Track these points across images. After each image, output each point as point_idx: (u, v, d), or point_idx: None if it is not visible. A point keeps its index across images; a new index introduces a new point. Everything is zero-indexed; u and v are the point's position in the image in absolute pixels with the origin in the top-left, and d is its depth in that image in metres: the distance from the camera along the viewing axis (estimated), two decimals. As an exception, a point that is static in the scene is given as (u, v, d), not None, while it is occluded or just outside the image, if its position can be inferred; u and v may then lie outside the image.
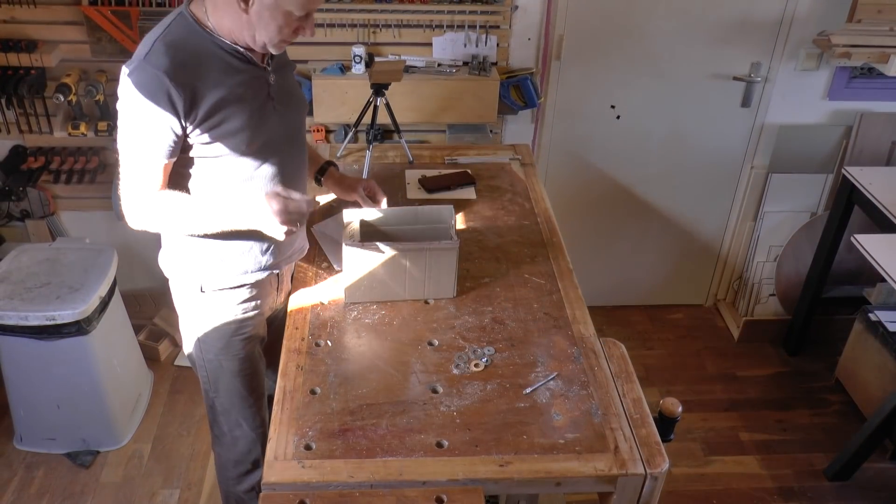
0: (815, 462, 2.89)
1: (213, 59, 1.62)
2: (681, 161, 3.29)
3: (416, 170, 2.54)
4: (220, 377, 1.98)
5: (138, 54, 1.58)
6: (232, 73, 1.64)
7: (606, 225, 3.43)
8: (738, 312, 3.58)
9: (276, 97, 1.75)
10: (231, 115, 1.64)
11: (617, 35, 2.98)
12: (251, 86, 1.69)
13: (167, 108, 1.55)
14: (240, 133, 1.67)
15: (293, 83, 1.89)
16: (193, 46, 1.60)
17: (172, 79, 1.54)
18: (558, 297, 1.95)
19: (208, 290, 1.86)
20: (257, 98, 1.70)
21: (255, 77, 1.70)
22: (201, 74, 1.59)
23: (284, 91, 1.79)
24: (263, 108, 1.71)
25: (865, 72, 3.07)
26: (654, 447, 1.54)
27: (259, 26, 1.57)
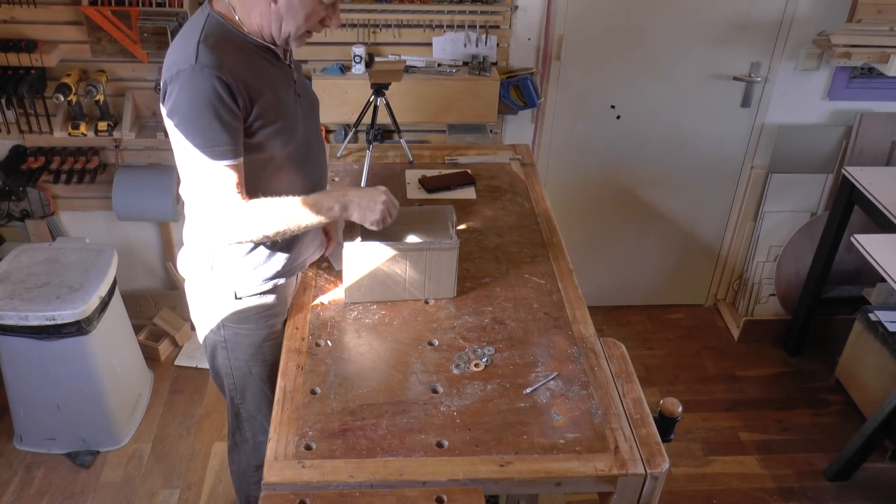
0: (815, 462, 2.89)
1: (253, 56, 1.62)
2: (681, 161, 3.29)
3: (416, 170, 2.54)
4: (249, 384, 1.97)
5: (185, 60, 1.53)
6: (270, 71, 1.66)
7: (606, 225, 3.43)
8: (738, 312, 3.58)
9: (301, 92, 1.78)
10: (275, 112, 1.64)
11: (617, 35, 2.98)
12: (284, 83, 1.70)
13: (233, 106, 1.54)
14: (281, 131, 1.67)
15: (306, 81, 1.90)
16: (233, 45, 1.59)
17: (230, 76, 1.53)
18: (558, 297, 1.95)
19: (243, 296, 1.84)
20: (289, 95, 1.72)
21: (285, 74, 1.72)
22: (249, 72, 1.59)
23: (304, 88, 1.82)
24: (294, 106, 1.73)
25: (865, 72, 3.07)
26: (654, 447, 1.54)
27: (287, 15, 1.57)
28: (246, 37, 1.62)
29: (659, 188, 3.35)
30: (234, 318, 1.87)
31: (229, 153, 1.57)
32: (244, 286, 1.83)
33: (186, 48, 1.55)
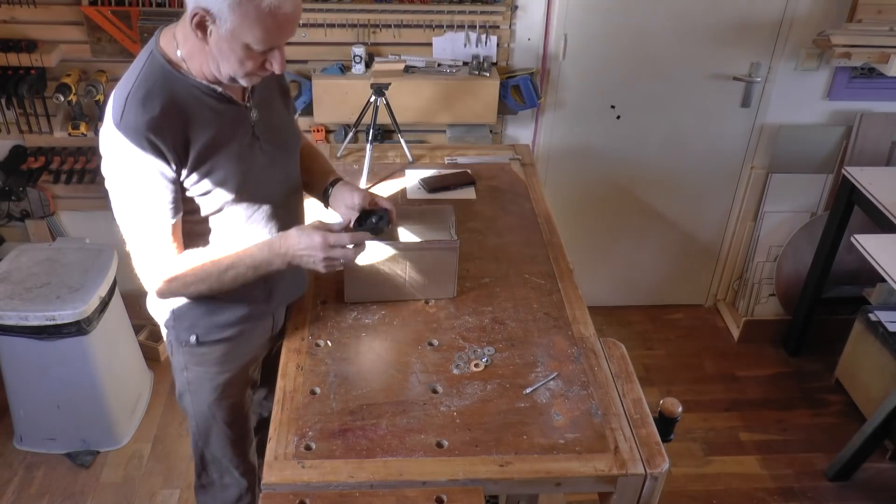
0: (815, 462, 2.89)
1: (192, 103, 1.52)
2: (681, 161, 3.29)
3: (416, 170, 2.54)
4: (212, 427, 1.92)
5: (113, 116, 1.47)
6: (213, 116, 1.54)
7: (606, 225, 3.43)
8: (738, 312, 3.58)
9: (262, 135, 1.64)
10: (219, 161, 1.54)
11: (617, 35, 2.98)
12: (234, 127, 1.58)
13: (160, 165, 1.47)
14: (230, 179, 1.57)
15: (281, 116, 1.75)
16: (169, 93, 1.49)
17: (156, 133, 1.44)
18: (558, 297, 1.95)
19: (204, 341, 1.78)
20: (242, 139, 1.60)
21: (237, 117, 1.59)
22: (183, 122, 1.49)
23: (270, 127, 1.68)
24: (250, 150, 1.61)
25: (865, 72, 3.07)
26: (654, 447, 1.54)
27: (220, 58, 1.46)
28: (188, 79, 1.52)
29: (659, 188, 3.35)
30: (195, 361, 1.82)
31: (160, 214, 1.51)
32: (204, 332, 1.77)
33: (118, 100, 1.48)
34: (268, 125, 1.67)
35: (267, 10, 1.38)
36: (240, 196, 1.60)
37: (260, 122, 1.64)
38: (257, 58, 1.47)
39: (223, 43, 1.43)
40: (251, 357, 1.88)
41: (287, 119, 1.78)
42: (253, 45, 1.43)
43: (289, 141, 1.76)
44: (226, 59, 1.45)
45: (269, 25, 1.40)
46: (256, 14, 1.38)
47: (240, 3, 1.37)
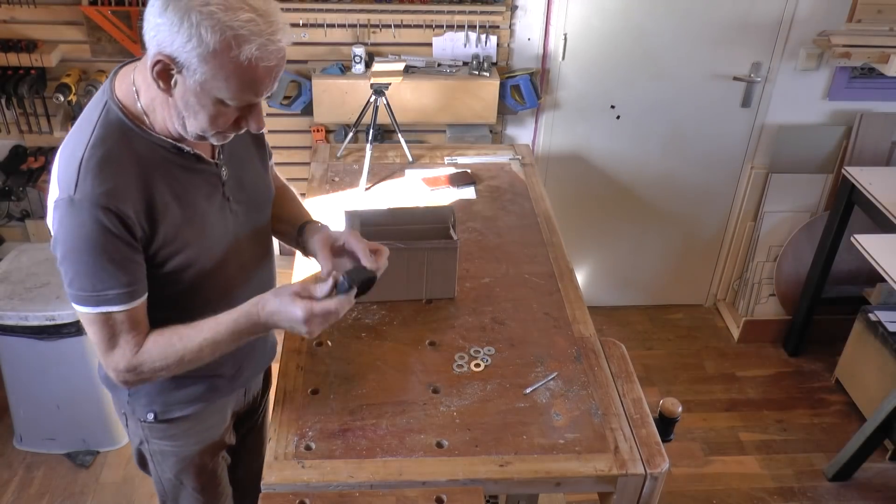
0: (815, 462, 2.89)
1: (156, 165, 1.31)
2: (681, 161, 3.28)
3: (416, 170, 2.54)
4: (181, 493, 1.74)
5: (63, 187, 1.25)
6: (180, 179, 1.35)
7: (606, 225, 3.43)
8: (738, 312, 3.58)
9: (233, 195, 1.46)
10: (188, 228, 1.35)
11: (617, 35, 2.98)
12: (204, 189, 1.39)
13: (123, 242, 1.26)
14: (200, 247, 1.39)
15: (254, 170, 1.55)
16: (129, 156, 1.28)
17: (116, 206, 1.23)
18: (558, 297, 1.95)
19: (164, 419, 1.58)
20: (213, 202, 1.41)
21: (206, 177, 1.40)
22: (146, 189, 1.29)
23: (242, 184, 1.49)
24: (221, 213, 1.43)
25: (865, 72, 3.07)
26: (654, 447, 1.54)
27: (188, 114, 1.25)
28: (150, 136, 1.31)
29: (659, 188, 3.35)
30: (156, 436, 1.62)
31: (123, 297, 1.29)
32: (163, 409, 1.57)
33: (68, 168, 1.26)
34: (239, 183, 1.48)
35: (247, 63, 1.18)
36: (211, 263, 1.42)
37: (231, 180, 1.45)
38: (231, 114, 1.27)
39: (191, 96, 1.22)
40: (222, 427, 1.70)
41: (260, 173, 1.56)
42: (227, 101, 1.23)
43: (261, 198, 1.57)
44: (194, 114, 1.25)
45: (247, 80, 1.20)
46: (234, 66, 1.18)
47: (214, 54, 1.16)
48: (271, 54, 1.19)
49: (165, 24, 1.16)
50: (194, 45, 1.16)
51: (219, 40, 1.16)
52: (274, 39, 1.19)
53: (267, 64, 1.19)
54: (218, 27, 1.15)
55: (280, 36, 1.20)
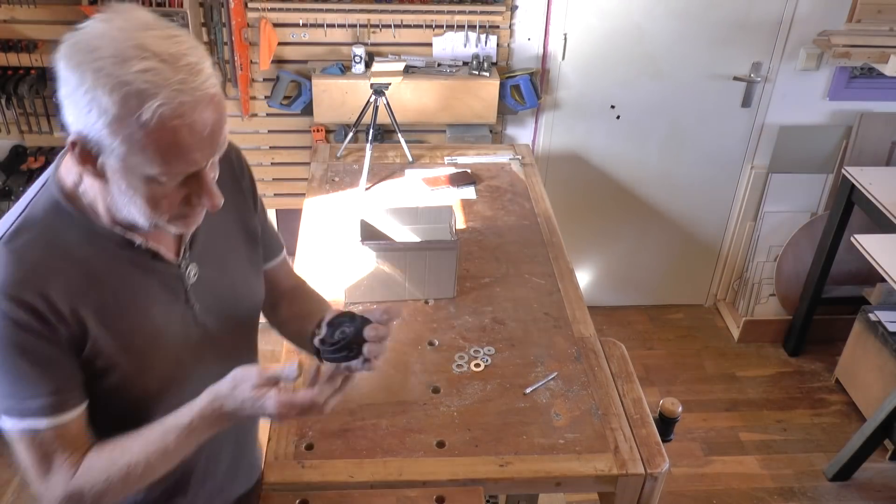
0: (815, 462, 2.89)
1: (95, 259, 1.06)
2: (681, 161, 3.28)
3: (416, 170, 2.54)
4: None
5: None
6: (125, 277, 1.09)
7: (606, 225, 3.43)
8: (738, 312, 3.58)
9: (200, 301, 1.17)
10: (129, 339, 1.09)
11: (617, 35, 2.98)
12: (157, 293, 1.12)
13: (48, 334, 1.02)
14: (148, 368, 1.11)
15: (237, 266, 1.25)
16: (58, 243, 1.05)
17: (42, 294, 1.01)
18: (558, 297, 1.95)
19: None
20: (169, 309, 1.13)
21: (163, 278, 1.13)
22: (77, 286, 1.04)
23: (216, 288, 1.20)
24: (181, 325, 1.15)
25: (865, 72, 3.07)
26: (654, 447, 1.54)
27: (125, 201, 1.01)
28: (91, 224, 1.06)
29: (659, 188, 3.35)
30: None
31: (48, 408, 1.03)
32: None
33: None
34: (212, 287, 1.19)
35: (157, 125, 0.92)
36: (160, 385, 1.14)
37: (200, 283, 1.17)
38: (173, 193, 1.01)
39: (119, 179, 0.99)
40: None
41: (244, 276, 1.27)
42: (158, 178, 0.98)
43: (242, 307, 1.27)
44: (129, 199, 1.00)
45: (166, 146, 0.94)
46: (144, 132, 0.92)
47: (117, 120, 0.92)
48: (186, 107, 0.92)
49: (68, 95, 0.94)
50: (96, 115, 0.93)
51: (116, 102, 0.91)
52: (186, 89, 0.92)
53: (184, 121, 0.93)
54: (110, 85, 0.91)
55: (197, 82, 0.93)
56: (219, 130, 0.98)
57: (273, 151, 3.06)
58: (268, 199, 3.16)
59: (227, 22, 2.76)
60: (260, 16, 2.72)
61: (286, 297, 1.39)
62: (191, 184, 1.01)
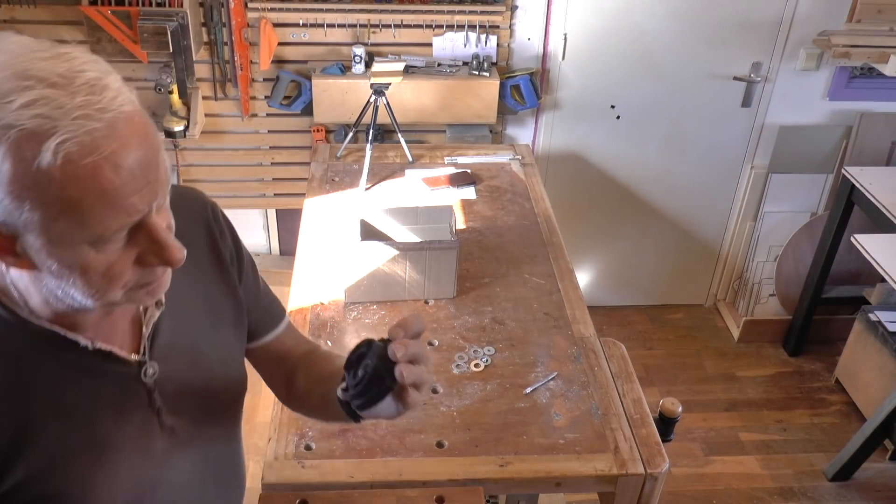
0: (815, 462, 2.89)
1: (23, 362, 0.84)
2: (681, 161, 3.28)
3: (416, 170, 2.54)
4: None
5: None
6: (65, 384, 0.86)
7: (606, 225, 3.43)
8: (738, 312, 3.58)
9: (167, 402, 0.95)
10: (70, 460, 0.86)
11: (617, 35, 2.98)
12: (108, 400, 0.90)
13: None
14: (89, 486, 0.89)
15: (213, 355, 1.03)
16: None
17: None
18: (558, 297, 1.95)
19: None
20: (125, 419, 0.91)
21: (117, 382, 0.90)
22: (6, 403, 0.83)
23: (188, 383, 0.98)
24: (142, 433, 0.93)
25: (865, 72, 3.07)
26: (654, 447, 1.54)
27: (61, 284, 0.78)
28: (26, 325, 0.84)
29: (659, 188, 3.35)
30: None
31: None
32: None
33: None
34: (182, 380, 0.97)
35: (67, 170, 0.69)
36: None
37: (166, 380, 0.94)
38: (122, 257, 0.78)
39: (47, 259, 0.76)
40: None
41: (227, 356, 1.06)
42: (93, 242, 0.75)
43: (220, 397, 1.05)
44: (69, 283, 0.78)
45: (90, 191, 0.71)
46: (54, 186, 0.70)
47: (17, 177, 0.69)
48: (99, 137, 0.70)
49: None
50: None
51: (5, 154, 0.68)
52: (92, 113, 0.70)
53: (101, 155, 0.70)
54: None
55: (104, 102, 0.71)
56: (153, 159, 0.75)
57: (273, 151, 3.06)
58: (268, 199, 3.16)
59: (227, 22, 2.76)
60: (260, 16, 2.72)
61: (300, 367, 1.16)
62: (138, 239, 0.78)
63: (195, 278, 0.95)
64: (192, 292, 0.97)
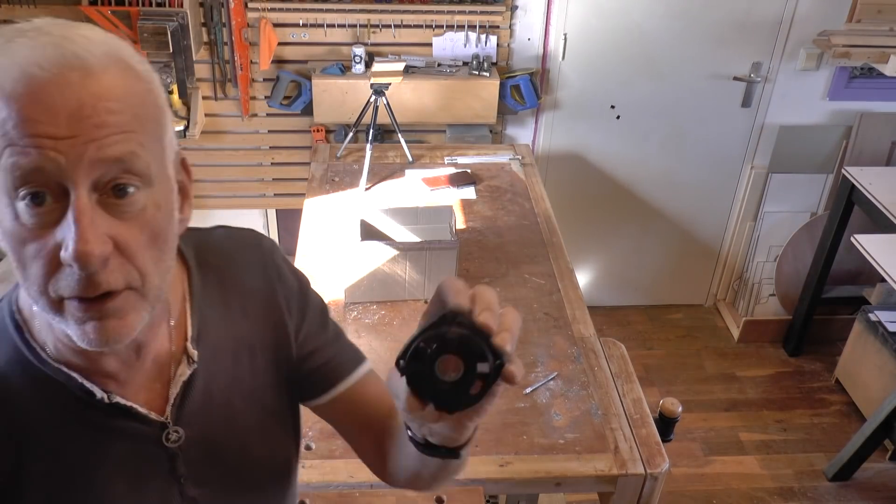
0: (815, 462, 2.89)
1: (32, 412, 0.74)
2: (681, 161, 3.29)
3: (416, 170, 2.54)
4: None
5: None
6: (74, 444, 0.76)
7: (606, 225, 3.43)
8: (738, 312, 3.58)
9: (195, 468, 0.83)
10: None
11: (617, 35, 2.98)
12: (121, 464, 0.78)
13: None
14: None
15: (248, 414, 0.87)
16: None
17: None
18: (558, 297, 1.95)
19: None
20: (140, 490, 0.80)
21: (132, 443, 0.79)
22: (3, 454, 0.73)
23: (218, 446, 0.84)
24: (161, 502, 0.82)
25: (865, 72, 3.07)
26: (654, 447, 1.54)
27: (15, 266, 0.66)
28: (41, 364, 0.74)
29: (659, 188, 3.35)
30: None
31: None
32: None
33: None
34: (213, 448, 0.84)
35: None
36: None
37: (192, 446, 0.82)
38: (45, 233, 0.63)
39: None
40: None
41: (265, 419, 0.89)
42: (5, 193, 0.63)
43: (257, 469, 0.89)
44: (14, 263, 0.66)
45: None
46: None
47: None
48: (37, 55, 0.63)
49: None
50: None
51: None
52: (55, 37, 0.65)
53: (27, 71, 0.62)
54: None
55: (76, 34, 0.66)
56: (102, 114, 0.62)
57: (273, 151, 3.06)
58: (268, 199, 3.17)
59: (227, 22, 2.76)
60: (260, 16, 2.72)
61: (393, 424, 0.90)
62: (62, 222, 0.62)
63: (241, 330, 0.84)
64: (235, 346, 0.85)
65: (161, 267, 0.69)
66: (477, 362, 0.61)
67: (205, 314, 0.83)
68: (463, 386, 0.62)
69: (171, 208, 0.71)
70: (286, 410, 0.92)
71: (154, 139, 0.68)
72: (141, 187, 0.65)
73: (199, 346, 0.81)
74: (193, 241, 0.85)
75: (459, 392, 0.62)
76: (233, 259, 0.84)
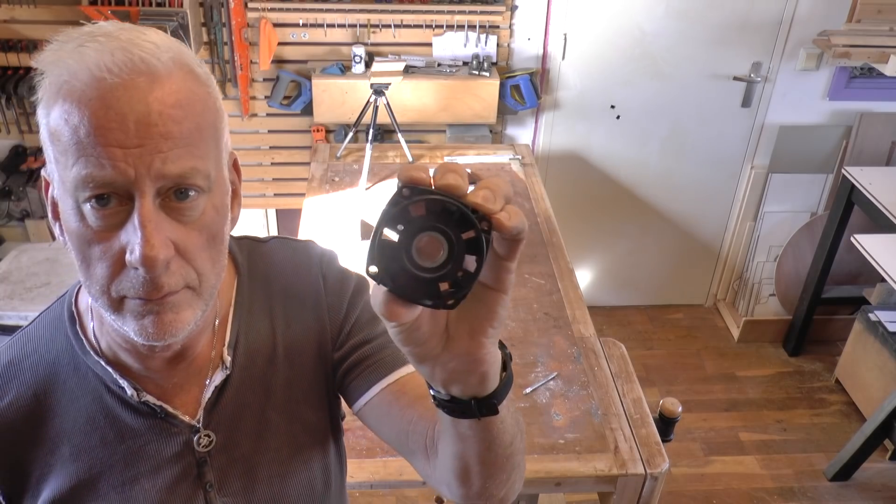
0: (815, 462, 2.89)
1: (70, 405, 0.78)
2: (681, 161, 3.29)
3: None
4: None
5: None
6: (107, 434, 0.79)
7: (606, 225, 3.43)
8: (738, 312, 3.58)
9: (223, 476, 0.83)
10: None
11: (617, 35, 2.98)
12: (146, 465, 0.80)
13: None
14: None
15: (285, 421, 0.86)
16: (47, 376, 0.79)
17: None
18: (558, 297, 1.95)
19: None
20: (165, 491, 0.81)
21: (163, 442, 0.80)
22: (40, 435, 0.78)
23: (248, 453, 0.84)
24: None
25: (865, 72, 3.07)
26: (654, 447, 1.54)
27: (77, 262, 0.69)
28: (84, 356, 0.79)
29: (659, 188, 3.35)
30: None
31: None
32: None
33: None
34: (243, 455, 0.84)
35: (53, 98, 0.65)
36: None
37: (221, 453, 0.83)
38: (110, 235, 0.67)
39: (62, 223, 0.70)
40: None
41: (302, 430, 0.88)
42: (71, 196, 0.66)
43: (290, 482, 0.87)
44: (77, 260, 0.69)
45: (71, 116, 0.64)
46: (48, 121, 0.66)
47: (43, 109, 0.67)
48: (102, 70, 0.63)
49: None
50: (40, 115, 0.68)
51: (50, 84, 0.66)
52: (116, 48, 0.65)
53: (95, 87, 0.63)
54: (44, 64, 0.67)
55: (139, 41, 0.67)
56: (165, 124, 0.65)
57: (273, 151, 3.06)
58: (268, 199, 3.17)
59: (227, 22, 2.76)
60: (260, 16, 2.72)
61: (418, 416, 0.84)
62: (127, 225, 0.66)
63: (282, 340, 0.84)
64: (273, 355, 0.85)
65: (217, 266, 0.73)
66: (461, 232, 0.49)
67: (246, 322, 0.85)
68: (453, 264, 0.50)
69: (227, 209, 0.75)
70: (324, 428, 0.91)
71: (213, 145, 0.72)
72: (201, 192, 0.69)
73: (235, 353, 0.83)
74: (247, 249, 0.89)
75: (452, 274, 0.50)
76: (281, 268, 0.86)
